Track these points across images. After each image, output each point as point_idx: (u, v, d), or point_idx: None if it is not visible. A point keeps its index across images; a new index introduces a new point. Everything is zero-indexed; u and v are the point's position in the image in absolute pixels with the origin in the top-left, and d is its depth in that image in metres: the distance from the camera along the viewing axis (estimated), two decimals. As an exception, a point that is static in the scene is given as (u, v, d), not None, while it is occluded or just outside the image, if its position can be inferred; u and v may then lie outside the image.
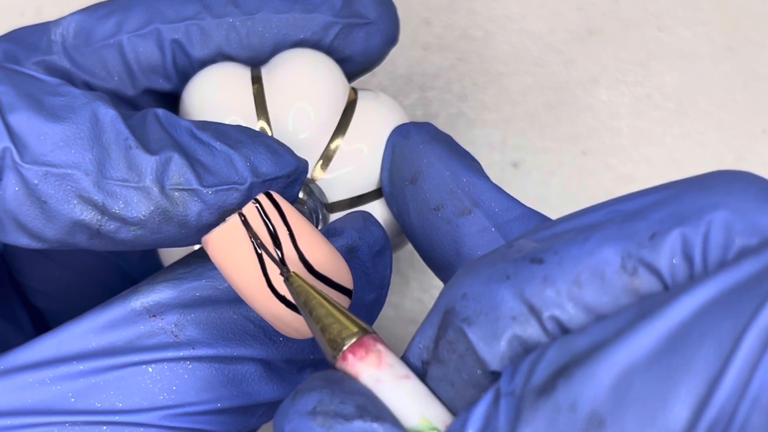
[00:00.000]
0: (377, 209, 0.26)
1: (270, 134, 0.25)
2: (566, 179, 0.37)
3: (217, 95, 0.25)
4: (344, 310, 0.19)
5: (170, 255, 0.27)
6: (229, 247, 0.20)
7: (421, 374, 0.19)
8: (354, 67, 0.27)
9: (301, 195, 0.25)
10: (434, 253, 0.24)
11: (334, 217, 0.26)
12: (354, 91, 0.26)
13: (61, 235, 0.20)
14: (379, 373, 0.18)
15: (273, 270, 0.20)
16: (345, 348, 0.18)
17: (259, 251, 0.20)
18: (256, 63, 0.26)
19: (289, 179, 0.22)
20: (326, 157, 0.25)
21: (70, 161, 0.20)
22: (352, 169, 0.25)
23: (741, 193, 0.17)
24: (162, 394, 0.20)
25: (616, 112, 0.37)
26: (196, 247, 0.24)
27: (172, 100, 0.27)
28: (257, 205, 0.20)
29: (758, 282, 0.15)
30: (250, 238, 0.20)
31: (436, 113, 0.37)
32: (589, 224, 0.18)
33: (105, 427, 0.20)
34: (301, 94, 0.25)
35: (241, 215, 0.20)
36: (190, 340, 0.21)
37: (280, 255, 0.20)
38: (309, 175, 0.25)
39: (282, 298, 0.20)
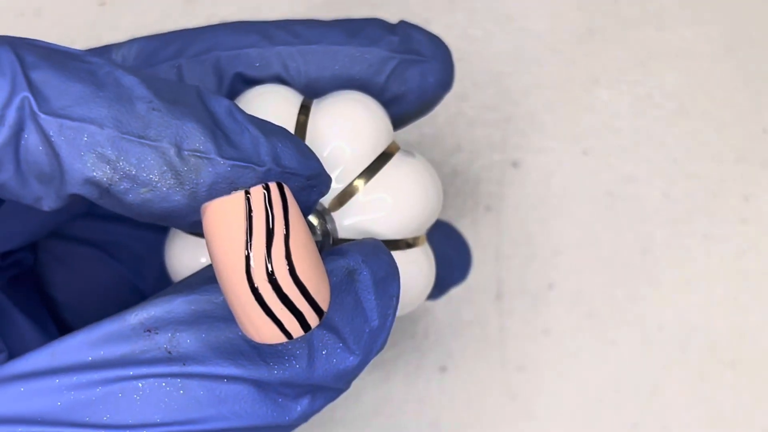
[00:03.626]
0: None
1: None
2: (566, 179, 0.37)
3: (261, 114, 0.25)
4: None
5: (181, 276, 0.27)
6: (225, 220, 0.20)
7: None
8: (408, 106, 0.27)
9: (315, 222, 0.25)
10: None
11: None
12: (396, 145, 0.26)
13: (74, 189, 0.20)
14: None
15: (256, 257, 0.20)
16: None
17: (249, 235, 0.20)
18: (311, 93, 0.26)
19: (308, 182, 0.22)
20: (346, 194, 0.25)
21: (86, 116, 0.20)
22: (368, 215, 0.25)
23: None
24: (150, 410, 0.20)
25: (616, 112, 0.37)
26: (203, 262, 0.24)
27: None
28: (265, 190, 0.20)
29: None
30: (246, 218, 0.20)
31: (436, 113, 0.37)
32: None
33: None
34: (341, 135, 0.25)
35: (247, 193, 0.20)
36: (182, 357, 0.20)
37: (267, 245, 0.20)
38: (326, 206, 0.25)
39: (253, 289, 0.20)
